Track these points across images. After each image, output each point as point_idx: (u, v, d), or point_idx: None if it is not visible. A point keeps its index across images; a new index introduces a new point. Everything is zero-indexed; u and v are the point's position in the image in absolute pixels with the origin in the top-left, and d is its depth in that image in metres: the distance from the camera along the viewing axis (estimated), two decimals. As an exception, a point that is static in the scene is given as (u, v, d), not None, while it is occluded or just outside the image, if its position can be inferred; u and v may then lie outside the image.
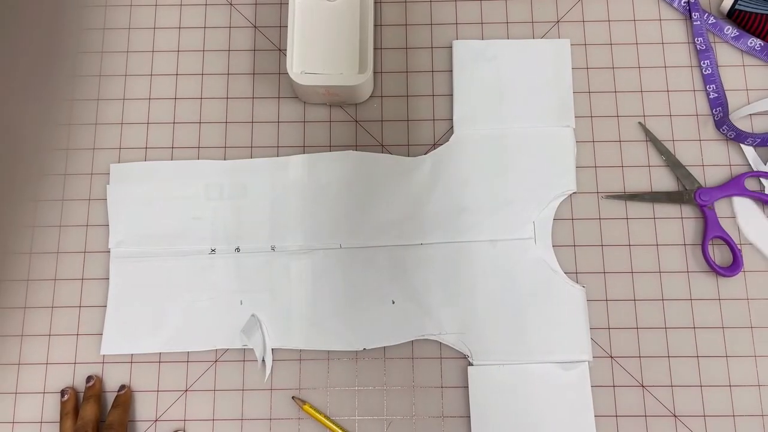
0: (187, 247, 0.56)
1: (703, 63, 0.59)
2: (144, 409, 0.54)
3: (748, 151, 0.57)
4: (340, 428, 0.52)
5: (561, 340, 0.53)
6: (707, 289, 0.55)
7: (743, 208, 0.56)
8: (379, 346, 0.54)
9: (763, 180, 0.56)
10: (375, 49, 0.60)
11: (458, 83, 0.58)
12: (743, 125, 0.58)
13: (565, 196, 0.57)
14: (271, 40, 0.61)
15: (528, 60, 0.59)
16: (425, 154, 0.58)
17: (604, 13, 0.61)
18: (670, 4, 0.61)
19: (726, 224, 0.56)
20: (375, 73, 0.59)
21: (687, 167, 0.57)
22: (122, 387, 0.53)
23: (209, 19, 0.61)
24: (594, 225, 0.56)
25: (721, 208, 0.56)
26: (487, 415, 0.52)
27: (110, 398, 0.53)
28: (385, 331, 0.54)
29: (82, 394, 0.53)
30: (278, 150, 0.58)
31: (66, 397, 0.53)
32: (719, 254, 0.56)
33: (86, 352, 0.54)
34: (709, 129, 0.58)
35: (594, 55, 0.60)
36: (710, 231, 0.55)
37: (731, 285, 0.55)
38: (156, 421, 0.53)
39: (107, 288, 0.55)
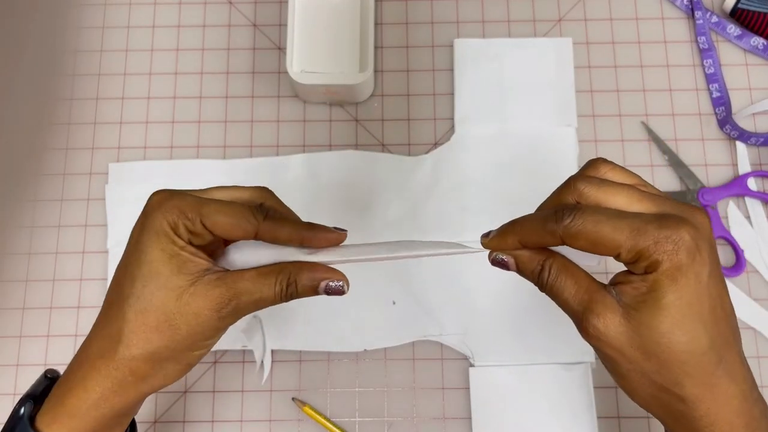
0: (187, 247, 0.55)
1: (706, 62, 0.58)
2: (143, 410, 0.53)
3: (743, 150, 0.57)
4: (341, 430, 0.52)
5: (563, 341, 0.53)
6: (710, 289, 0.55)
7: (751, 207, 0.56)
8: (379, 347, 0.53)
9: None
10: (375, 47, 0.59)
11: (459, 82, 0.58)
12: (746, 124, 0.57)
13: (567, 196, 0.56)
14: (270, 38, 0.60)
15: (530, 59, 0.58)
16: (426, 153, 0.57)
17: (607, 12, 0.60)
18: (673, 3, 0.60)
19: (729, 224, 0.55)
20: (375, 71, 0.59)
21: (690, 167, 0.57)
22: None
23: (208, 18, 0.61)
24: (596, 225, 0.56)
25: (723, 208, 0.56)
26: (489, 417, 0.52)
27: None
28: (385, 332, 0.53)
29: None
30: (278, 149, 0.58)
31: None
32: (722, 254, 0.55)
33: (85, 353, 0.54)
34: (712, 128, 0.58)
35: (596, 54, 0.59)
36: (713, 231, 0.54)
37: (734, 285, 0.54)
38: (155, 422, 0.53)
39: (106, 288, 0.55)
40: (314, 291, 0.34)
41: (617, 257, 0.30)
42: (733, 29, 0.59)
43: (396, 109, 0.59)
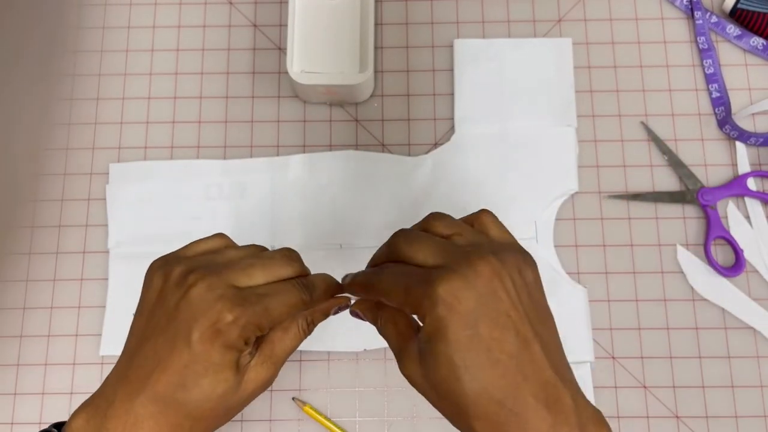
0: (187, 247, 0.55)
1: (706, 62, 0.58)
2: (143, 410, 0.53)
3: (743, 150, 0.57)
4: (341, 430, 0.52)
5: (563, 341, 0.53)
6: (710, 289, 0.55)
7: (750, 207, 0.56)
8: (379, 346, 0.53)
9: None
10: (375, 48, 0.59)
11: (459, 82, 0.58)
12: (746, 124, 0.57)
13: (567, 196, 0.56)
14: (271, 38, 0.60)
15: (529, 59, 0.58)
16: (426, 153, 0.57)
17: (606, 12, 0.60)
18: (672, 3, 0.60)
19: (728, 224, 0.55)
20: (375, 72, 0.59)
21: (689, 167, 0.57)
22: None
23: (209, 18, 0.61)
24: (596, 225, 0.56)
25: (723, 208, 0.56)
26: (489, 417, 0.52)
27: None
28: (385, 331, 0.53)
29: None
30: (278, 149, 0.58)
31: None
32: (722, 254, 0.56)
33: (85, 352, 0.54)
34: (712, 128, 0.58)
35: (596, 54, 0.59)
36: (713, 231, 0.55)
37: (734, 285, 0.54)
38: (155, 422, 0.53)
39: (106, 288, 0.55)
40: (326, 318, 0.39)
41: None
42: (732, 29, 0.59)
43: (396, 109, 0.59)
